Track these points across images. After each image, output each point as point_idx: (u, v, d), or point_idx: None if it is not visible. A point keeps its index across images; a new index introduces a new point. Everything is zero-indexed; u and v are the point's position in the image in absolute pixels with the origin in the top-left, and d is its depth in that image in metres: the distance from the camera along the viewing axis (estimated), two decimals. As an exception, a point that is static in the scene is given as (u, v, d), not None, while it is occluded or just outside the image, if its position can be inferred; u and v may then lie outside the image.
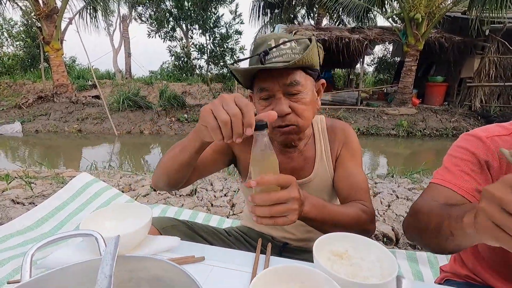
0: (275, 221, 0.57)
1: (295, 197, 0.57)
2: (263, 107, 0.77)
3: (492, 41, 7.72)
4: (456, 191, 0.65)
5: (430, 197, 0.67)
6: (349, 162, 0.87)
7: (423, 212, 0.62)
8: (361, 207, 0.77)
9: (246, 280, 0.59)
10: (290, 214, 0.57)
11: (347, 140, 0.89)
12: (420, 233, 0.63)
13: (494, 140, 0.66)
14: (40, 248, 0.42)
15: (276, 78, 0.73)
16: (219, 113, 0.53)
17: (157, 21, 7.57)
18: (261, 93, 0.76)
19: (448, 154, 0.73)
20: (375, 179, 2.96)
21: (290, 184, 0.58)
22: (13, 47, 13.41)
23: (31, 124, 7.73)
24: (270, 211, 0.56)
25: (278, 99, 0.74)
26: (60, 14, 8.03)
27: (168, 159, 0.76)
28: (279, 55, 0.73)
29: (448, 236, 0.52)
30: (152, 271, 0.42)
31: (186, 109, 8.36)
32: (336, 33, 8.16)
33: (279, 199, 0.56)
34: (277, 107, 0.74)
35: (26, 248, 1.36)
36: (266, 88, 0.74)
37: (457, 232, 0.49)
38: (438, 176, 0.70)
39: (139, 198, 2.23)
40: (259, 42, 0.78)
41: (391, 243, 1.74)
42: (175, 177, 0.77)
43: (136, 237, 0.65)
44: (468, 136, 0.71)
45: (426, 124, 7.69)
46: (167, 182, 0.79)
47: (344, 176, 0.86)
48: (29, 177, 2.59)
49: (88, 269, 0.38)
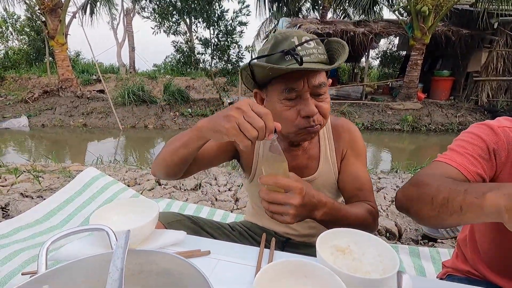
0: (273, 216, 0.64)
1: (293, 204, 0.61)
2: (287, 108, 0.74)
3: (500, 35, 7.58)
4: (462, 172, 0.64)
5: (437, 172, 0.66)
6: (355, 163, 0.88)
7: (431, 184, 0.60)
8: (368, 207, 0.80)
9: (251, 274, 0.61)
10: (286, 216, 0.63)
11: (353, 141, 0.90)
12: (421, 204, 0.61)
13: (505, 130, 0.66)
14: (54, 241, 0.44)
15: (306, 79, 0.72)
16: (248, 130, 0.56)
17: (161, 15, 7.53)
18: (289, 93, 0.73)
19: (456, 139, 0.72)
20: (379, 174, 2.96)
21: (291, 189, 0.62)
22: (18, 41, 13.49)
23: (37, 118, 7.81)
24: (268, 207, 0.63)
25: (306, 100, 0.73)
26: (64, 8, 8.04)
27: (168, 152, 0.76)
28: (306, 54, 0.71)
29: (454, 211, 0.52)
30: (161, 264, 0.44)
31: (190, 103, 8.37)
32: (341, 27, 8.07)
33: (275, 200, 0.62)
34: (306, 107, 0.73)
35: (36, 241, 1.40)
36: (295, 89, 0.72)
37: (469, 208, 0.49)
38: (444, 156, 0.69)
39: (145, 192, 2.26)
40: (280, 38, 0.74)
41: (394, 238, 1.75)
42: (175, 169, 0.79)
43: (144, 231, 0.67)
44: (479, 125, 0.70)
45: (431, 119, 7.62)
46: (166, 173, 0.81)
47: (351, 178, 0.87)
48: (36, 171, 2.64)
49: (101, 262, 0.40)
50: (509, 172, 0.65)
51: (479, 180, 0.65)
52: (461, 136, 0.72)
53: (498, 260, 0.69)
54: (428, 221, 0.61)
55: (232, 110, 0.58)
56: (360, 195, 0.85)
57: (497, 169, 0.66)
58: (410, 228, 1.83)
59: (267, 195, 0.63)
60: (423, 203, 0.60)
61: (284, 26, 8.99)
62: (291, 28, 8.39)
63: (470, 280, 0.78)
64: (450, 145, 0.72)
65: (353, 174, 0.87)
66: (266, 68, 0.69)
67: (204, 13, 7.47)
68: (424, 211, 0.60)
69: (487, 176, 0.66)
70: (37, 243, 1.37)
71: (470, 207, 0.49)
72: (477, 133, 0.68)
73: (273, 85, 0.76)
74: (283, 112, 0.75)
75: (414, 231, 1.80)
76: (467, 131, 0.71)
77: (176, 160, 0.75)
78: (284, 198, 0.61)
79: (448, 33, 7.78)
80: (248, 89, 0.94)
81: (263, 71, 0.72)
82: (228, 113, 0.58)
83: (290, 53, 0.69)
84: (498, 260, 0.69)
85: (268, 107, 0.78)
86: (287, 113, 0.74)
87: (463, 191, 0.51)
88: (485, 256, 0.72)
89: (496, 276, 0.71)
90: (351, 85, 9.78)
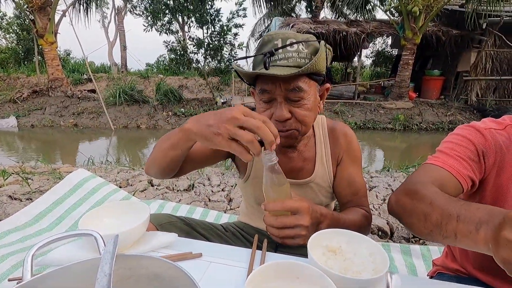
0: (283, 241, 0.62)
1: (303, 225, 0.61)
2: (263, 109, 0.76)
3: (489, 35, 7.73)
4: (455, 176, 0.64)
5: (431, 177, 0.64)
6: (351, 168, 0.89)
7: (425, 198, 0.58)
8: (363, 213, 0.83)
9: (243, 276, 0.61)
10: (298, 239, 0.62)
11: (349, 146, 0.89)
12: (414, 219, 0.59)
13: (491, 132, 0.67)
14: (40, 248, 0.43)
15: (278, 82, 0.71)
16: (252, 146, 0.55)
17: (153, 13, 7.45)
18: (262, 95, 0.74)
19: (445, 141, 0.71)
20: (371, 173, 2.99)
21: (299, 211, 0.61)
22: (6, 40, 13.19)
23: (26, 119, 7.66)
24: (279, 233, 0.61)
25: (279, 103, 0.73)
26: (54, 6, 7.89)
27: (158, 153, 0.75)
28: (285, 58, 0.71)
29: (448, 235, 0.50)
30: (151, 269, 0.43)
31: (183, 103, 8.32)
32: (334, 26, 8.12)
33: (285, 224, 0.60)
34: (277, 112, 0.73)
35: (25, 244, 1.37)
36: (267, 91, 0.73)
37: (464, 239, 0.47)
38: (436, 159, 0.68)
39: (137, 193, 2.24)
40: (266, 40, 0.75)
41: (385, 237, 1.77)
42: (166, 170, 0.78)
43: (135, 234, 0.67)
44: (466, 127, 0.71)
45: (422, 118, 7.74)
46: (158, 173, 0.80)
47: (347, 183, 0.88)
48: (26, 173, 2.58)
49: (88, 268, 0.39)
50: (496, 175, 0.66)
51: (470, 183, 0.65)
52: (449, 138, 0.72)
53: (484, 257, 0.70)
54: (420, 236, 0.61)
55: (224, 119, 0.55)
56: (355, 200, 0.87)
57: (485, 172, 0.67)
58: (402, 226, 1.85)
59: (276, 221, 0.60)
60: (417, 218, 0.58)
61: (277, 25, 9.01)
62: (284, 27, 8.40)
63: (460, 277, 0.80)
64: (439, 147, 0.72)
65: (349, 179, 0.88)
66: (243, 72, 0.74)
67: (197, 13, 7.43)
68: (417, 226, 0.59)
69: (477, 179, 0.66)
70: (26, 247, 1.34)
71: (464, 239, 0.47)
72: (465, 135, 0.68)
73: (256, 86, 0.78)
74: (260, 114, 0.74)
75: (405, 229, 1.83)
76: (455, 133, 0.72)
77: (167, 161, 0.74)
78: (294, 221, 0.60)
79: (438, 33, 7.91)
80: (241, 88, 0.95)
81: (241, 73, 0.77)
82: (219, 122, 0.55)
83: (265, 56, 0.71)
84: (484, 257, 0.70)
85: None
86: (263, 114, 0.75)
87: (456, 218, 0.49)
88: (475, 258, 0.74)
89: (482, 273, 0.72)
90: (344, 85, 9.86)
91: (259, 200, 0.94)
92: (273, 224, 0.61)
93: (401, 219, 0.65)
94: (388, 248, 1.48)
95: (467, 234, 0.46)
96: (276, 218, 0.61)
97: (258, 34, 14.11)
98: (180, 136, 0.67)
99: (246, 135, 0.54)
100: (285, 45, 0.72)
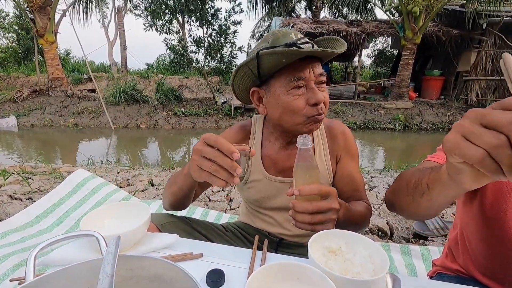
0: (314, 228, 0.62)
1: (335, 208, 0.61)
2: (296, 97, 0.75)
3: (489, 35, 7.73)
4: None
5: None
6: (350, 165, 0.91)
7: (406, 173, 0.63)
8: (365, 205, 0.86)
9: (243, 276, 0.61)
10: (328, 223, 0.62)
11: (347, 144, 0.91)
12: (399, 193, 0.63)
13: None
14: (43, 248, 0.43)
15: (311, 68, 0.74)
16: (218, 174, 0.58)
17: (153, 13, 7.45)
18: (297, 81, 0.74)
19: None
20: (371, 173, 2.99)
21: (330, 194, 0.62)
22: (6, 39, 13.19)
23: (26, 118, 7.66)
24: (311, 219, 0.61)
25: (313, 88, 0.75)
26: (54, 5, 7.88)
27: (171, 196, 0.81)
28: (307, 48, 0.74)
29: (424, 191, 0.53)
30: (152, 270, 0.43)
31: (183, 103, 8.32)
32: (334, 26, 8.12)
33: (320, 208, 0.60)
34: (315, 95, 0.74)
35: (25, 245, 1.37)
36: (302, 77, 0.74)
37: (434, 184, 0.50)
38: (434, 156, 0.71)
39: (137, 193, 2.24)
40: (280, 34, 0.76)
41: (385, 237, 1.77)
42: (182, 206, 0.86)
43: (135, 235, 0.67)
44: None
45: (422, 118, 7.74)
46: (176, 209, 0.87)
47: (348, 180, 0.90)
48: (26, 173, 2.59)
49: (90, 269, 0.40)
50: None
51: None
52: None
53: (486, 259, 0.70)
54: (408, 209, 0.62)
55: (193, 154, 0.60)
56: (356, 195, 0.90)
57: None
58: (402, 226, 1.85)
59: (311, 206, 0.60)
60: (401, 191, 0.62)
61: (277, 25, 9.01)
62: (284, 27, 8.40)
63: (459, 278, 0.80)
64: (439, 147, 0.73)
65: (349, 176, 0.90)
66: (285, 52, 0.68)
67: (197, 12, 7.43)
68: (402, 199, 0.61)
69: None
70: (27, 247, 1.35)
71: (434, 182, 0.50)
72: None
73: (278, 77, 0.76)
74: (292, 102, 0.75)
75: (405, 230, 1.83)
76: None
77: (181, 200, 0.81)
78: (328, 205, 0.61)
79: (438, 33, 7.91)
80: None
81: (275, 59, 0.71)
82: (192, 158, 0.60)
83: (294, 45, 0.72)
84: (486, 259, 0.70)
85: (271, 101, 0.79)
86: (296, 102, 0.75)
87: (430, 171, 0.52)
88: (473, 255, 0.74)
89: (484, 277, 0.72)
90: (344, 84, 9.86)
91: (258, 202, 0.95)
92: (307, 209, 0.60)
93: (393, 204, 0.68)
94: (388, 249, 1.49)
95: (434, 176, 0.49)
96: (311, 202, 0.60)
97: (259, 34, 14.11)
98: (185, 179, 0.73)
99: (211, 166, 0.57)
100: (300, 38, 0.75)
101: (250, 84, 0.84)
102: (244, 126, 0.96)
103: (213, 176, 0.58)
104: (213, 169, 0.57)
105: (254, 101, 0.85)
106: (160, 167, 3.36)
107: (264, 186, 0.91)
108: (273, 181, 0.90)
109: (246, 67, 0.78)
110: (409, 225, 1.85)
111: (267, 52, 0.70)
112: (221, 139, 0.57)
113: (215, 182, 0.58)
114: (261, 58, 0.72)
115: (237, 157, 0.56)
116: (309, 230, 0.62)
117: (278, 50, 0.69)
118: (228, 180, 0.57)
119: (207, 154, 0.57)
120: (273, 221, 0.97)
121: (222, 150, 0.56)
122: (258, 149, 0.92)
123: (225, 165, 0.56)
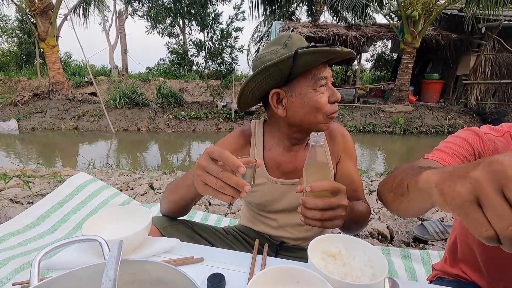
0: (323, 224, 0.62)
1: (345, 205, 0.63)
2: (322, 94, 0.79)
3: (488, 39, 7.77)
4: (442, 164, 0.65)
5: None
6: (349, 166, 0.94)
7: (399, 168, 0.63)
8: (365, 205, 0.89)
9: (244, 280, 0.62)
10: (337, 220, 0.63)
11: (346, 145, 0.95)
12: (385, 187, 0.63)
13: (491, 138, 0.69)
14: (47, 253, 0.44)
15: (329, 68, 0.81)
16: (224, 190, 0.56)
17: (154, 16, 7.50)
18: (322, 81, 0.78)
19: (443, 142, 0.73)
20: (372, 177, 2.99)
21: (340, 191, 0.63)
22: (7, 43, 13.26)
23: (27, 122, 7.68)
24: (321, 215, 0.61)
25: (331, 87, 0.80)
26: (55, 10, 7.95)
27: (171, 204, 0.82)
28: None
29: (404, 191, 0.52)
30: (154, 274, 0.44)
31: (184, 106, 8.34)
32: (333, 30, 8.17)
33: (331, 205, 0.61)
34: (335, 93, 0.80)
35: (26, 248, 1.38)
36: (326, 77, 0.79)
37: (412, 187, 0.48)
38: (431, 155, 0.70)
39: (138, 197, 2.24)
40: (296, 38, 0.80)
41: (385, 241, 1.77)
42: (181, 214, 0.88)
43: (137, 239, 0.67)
44: (466, 130, 0.73)
45: (422, 122, 7.75)
46: (174, 216, 0.89)
47: (348, 180, 0.92)
48: (27, 176, 2.59)
49: (93, 273, 0.40)
50: None
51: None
52: (448, 139, 0.74)
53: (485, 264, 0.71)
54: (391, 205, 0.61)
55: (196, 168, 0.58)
56: (355, 195, 0.92)
57: None
58: (402, 230, 1.85)
59: (322, 202, 0.60)
60: (387, 185, 0.62)
61: (277, 29, 9.05)
62: (284, 31, 8.44)
63: (459, 282, 0.80)
64: (436, 147, 0.73)
65: (349, 177, 0.93)
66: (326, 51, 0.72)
67: (198, 16, 7.48)
68: (386, 194, 0.61)
69: None
70: (27, 250, 1.35)
71: (412, 186, 0.47)
72: (463, 137, 0.70)
73: (304, 77, 0.77)
74: (319, 100, 0.78)
75: (405, 234, 1.83)
76: (454, 135, 0.74)
77: (182, 208, 0.83)
78: (337, 201, 0.62)
79: (437, 37, 7.95)
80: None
81: (312, 58, 0.72)
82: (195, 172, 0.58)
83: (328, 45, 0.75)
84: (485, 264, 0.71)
85: (295, 102, 0.79)
86: (323, 99, 0.78)
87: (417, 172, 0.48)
88: (472, 259, 0.74)
89: (483, 281, 0.72)
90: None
91: (262, 205, 0.95)
92: (318, 206, 0.61)
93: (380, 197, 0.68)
94: (387, 252, 1.49)
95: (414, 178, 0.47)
96: (322, 199, 0.61)
97: (258, 37, 14.15)
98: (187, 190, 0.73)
99: (216, 183, 0.55)
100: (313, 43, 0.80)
101: (271, 86, 0.80)
102: (244, 131, 0.97)
103: (219, 193, 0.56)
104: (219, 186, 0.55)
105: (273, 103, 0.81)
106: (160, 171, 3.37)
107: (268, 189, 0.91)
108: (277, 184, 0.90)
109: (275, 67, 0.75)
110: (409, 229, 1.85)
111: (308, 51, 0.71)
112: (226, 153, 0.55)
113: (221, 198, 0.57)
114: (300, 57, 0.71)
115: (243, 172, 0.54)
116: (318, 227, 0.63)
117: (320, 49, 0.72)
118: (234, 195, 0.56)
119: (212, 171, 0.56)
120: (275, 224, 0.98)
121: (227, 164, 0.55)
122: (260, 153, 0.92)
123: (231, 183, 0.55)
